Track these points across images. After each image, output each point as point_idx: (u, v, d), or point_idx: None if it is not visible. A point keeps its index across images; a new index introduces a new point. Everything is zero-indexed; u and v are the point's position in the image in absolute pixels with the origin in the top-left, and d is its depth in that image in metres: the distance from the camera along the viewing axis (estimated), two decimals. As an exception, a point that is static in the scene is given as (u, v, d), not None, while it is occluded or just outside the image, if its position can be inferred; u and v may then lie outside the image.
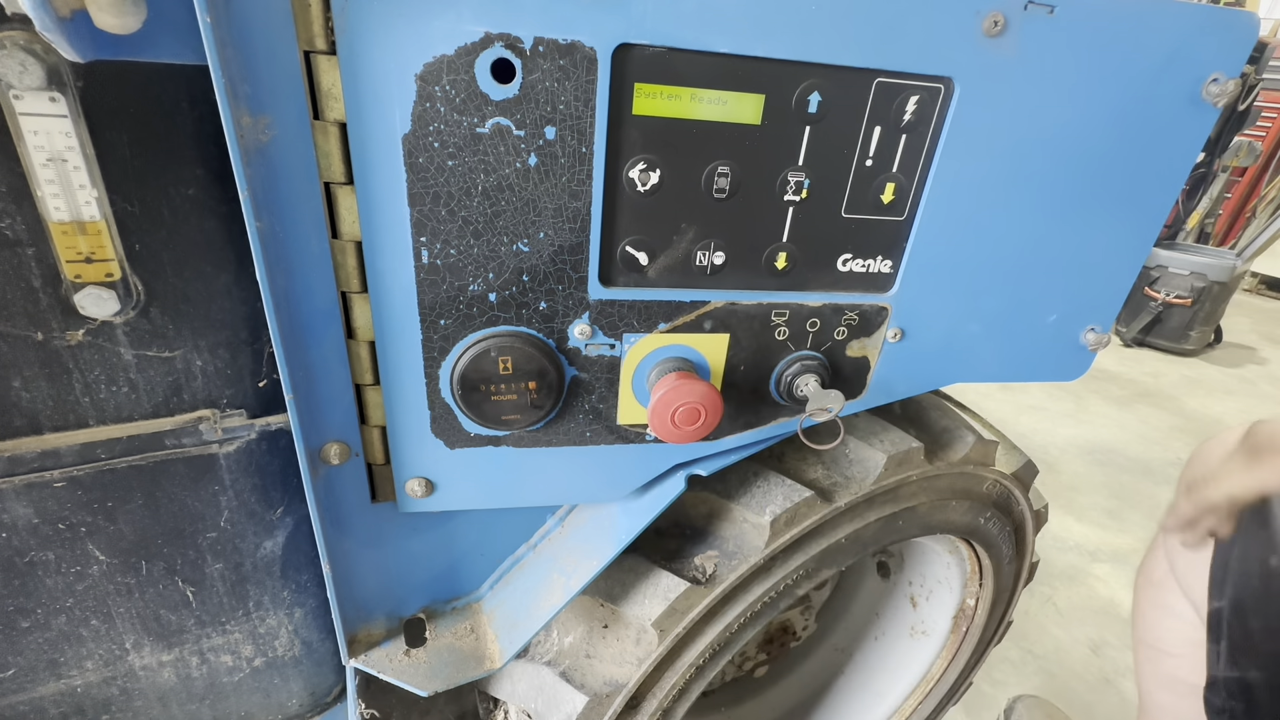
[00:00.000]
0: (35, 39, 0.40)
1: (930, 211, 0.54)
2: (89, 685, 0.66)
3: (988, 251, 0.57)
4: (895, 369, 0.62)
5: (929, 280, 0.57)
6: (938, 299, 0.58)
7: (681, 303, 0.54)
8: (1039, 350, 0.64)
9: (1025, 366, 0.64)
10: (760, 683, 1.20)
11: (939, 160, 0.51)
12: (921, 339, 0.60)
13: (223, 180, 0.50)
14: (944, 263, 0.57)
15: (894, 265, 0.56)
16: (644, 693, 0.68)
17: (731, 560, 0.67)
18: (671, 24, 0.43)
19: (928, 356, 0.62)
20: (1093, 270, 0.60)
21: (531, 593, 0.68)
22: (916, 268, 0.56)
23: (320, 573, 0.62)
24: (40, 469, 0.54)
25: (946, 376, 0.64)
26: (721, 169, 0.49)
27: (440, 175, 0.44)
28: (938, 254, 0.56)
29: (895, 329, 0.59)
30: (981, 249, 0.56)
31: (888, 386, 0.63)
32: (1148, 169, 0.55)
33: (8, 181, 0.44)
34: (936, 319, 0.60)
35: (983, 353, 0.63)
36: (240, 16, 0.38)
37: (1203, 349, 3.61)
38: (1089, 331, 0.64)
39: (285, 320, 0.47)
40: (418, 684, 0.65)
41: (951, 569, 0.98)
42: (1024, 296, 0.60)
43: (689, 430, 0.52)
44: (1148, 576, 0.87)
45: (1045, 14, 0.47)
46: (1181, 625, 0.81)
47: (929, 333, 0.60)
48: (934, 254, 0.56)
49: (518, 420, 0.54)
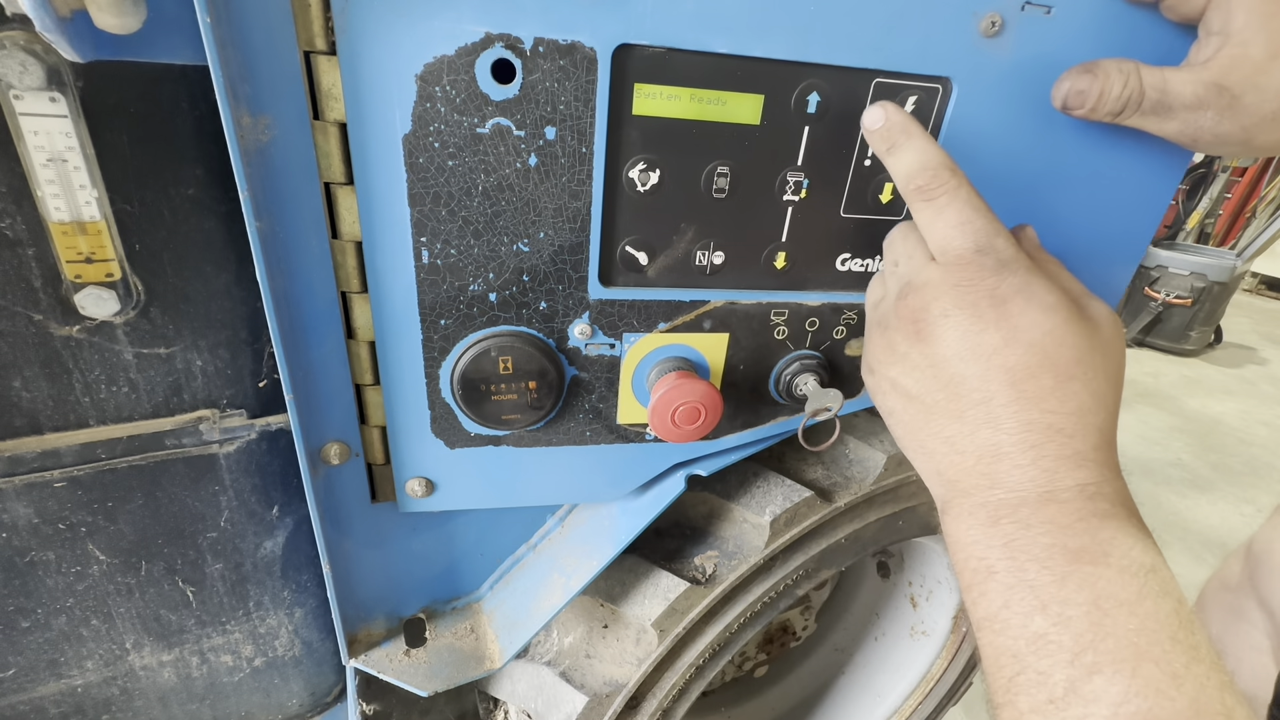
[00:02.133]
0: (35, 39, 0.40)
1: (930, 211, 0.54)
2: (89, 685, 0.66)
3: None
4: None
5: (928, 280, 0.57)
6: None
7: (681, 302, 0.54)
8: None
9: None
10: (760, 683, 1.20)
11: (938, 160, 0.51)
12: None
13: (223, 180, 0.50)
14: (943, 262, 0.57)
15: None
16: (644, 693, 0.68)
17: (731, 560, 0.67)
18: (671, 25, 0.43)
19: None
20: (1087, 268, 0.60)
21: (531, 593, 0.68)
22: (916, 267, 0.56)
23: (320, 573, 0.62)
24: (40, 469, 0.54)
25: None
26: (721, 169, 0.49)
27: (440, 175, 0.45)
28: (937, 254, 0.56)
29: None
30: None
31: None
32: (1143, 167, 0.55)
33: (8, 181, 0.44)
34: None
35: None
36: (240, 16, 0.38)
37: (1203, 349, 3.62)
38: None
39: (285, 320, 0.47)
40: (418, 684, 0.65)
41: (951, 569, 0.98)
42: None
43: (689, 430, 0.52)
44: (1223, 581, 0.87)
45: (1043, 14, 0.47)
46: (1250, 630, 0.80)
47: None
48: (933, 254, 0.56)
49: (518, 420, 0.54)
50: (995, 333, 0.38)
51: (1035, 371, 0.38)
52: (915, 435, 0.43)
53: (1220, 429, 2.78)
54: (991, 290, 0.39)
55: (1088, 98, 0.47)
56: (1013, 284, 0.39)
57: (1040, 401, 0.37)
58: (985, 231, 0.40)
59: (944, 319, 0.40)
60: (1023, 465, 0.37)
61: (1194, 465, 2.48)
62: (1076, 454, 0.37)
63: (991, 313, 0.39)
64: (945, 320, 0.40)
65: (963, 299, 0.39)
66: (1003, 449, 0.38)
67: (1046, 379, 0.37)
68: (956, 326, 0.39)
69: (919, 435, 0.43)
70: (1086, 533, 0.35)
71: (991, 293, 0.39)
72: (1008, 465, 0.38)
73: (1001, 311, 0.38)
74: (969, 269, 0.39)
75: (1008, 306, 0.38)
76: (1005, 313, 0.38)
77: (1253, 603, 0.80)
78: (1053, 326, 0.38)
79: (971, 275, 0.39)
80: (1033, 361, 0.38)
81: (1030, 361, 0.38)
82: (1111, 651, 0.32)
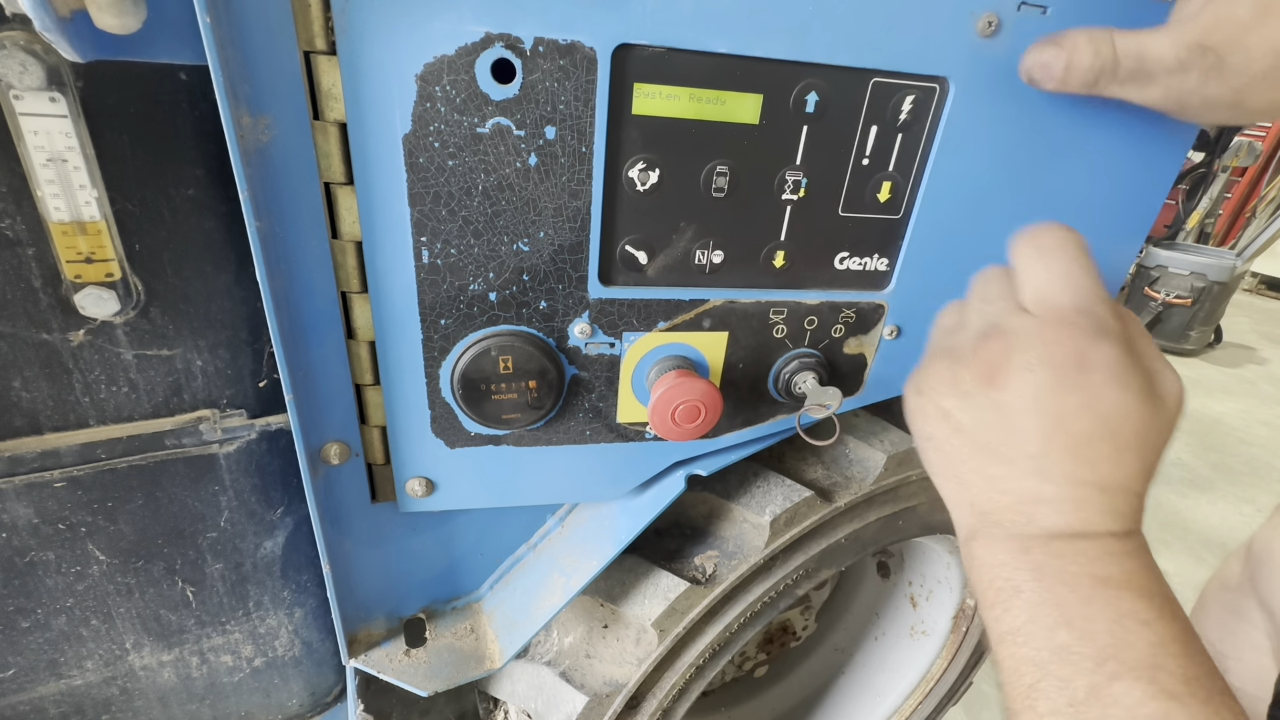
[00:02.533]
0: (35, 39, 0.40)
1: (926, 210, 0.54)
2: (89, 685, 0.66)
3: (982, 249, 0.57)
4: (892, 366, 0.62)
5: (925, 278, 0.58)
6: (934, 296, 0.59)
7: (680, 301, 0.54)
8: None
9: None
10: (760, 683, 1.20)
11: (934, 159, 0.52)
12: (918, 336, 0.61)
13: (223, 180, 0.50)
14: (940, 260, 0.57)
15: (890, 263, 0.57)
16: (644, 693, 0.68)
17: (731, 560, 0.67)
18: (670, 24, 0.43)
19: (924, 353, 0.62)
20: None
21: (531, 593, 0.68)
22: (913, 265, 0.57)
23: (320, 573, 0.62)
24: (40, 469, 0.54)
25: None
26: (720, 168, 0.49)
27: (441, 175, 0.45)
28: (933, 252, 0.56)
29: (892, 326, 0.60)
30: (976, 247, 0.57)
31: (885, 383, 0.64)
32: (1138, 165, 0.56)
33: (8, 181, 0.44)
34: (933, 316, 0.60)
35: None
36: (240, 16, 0.38)
37: (1203, 349, 3.62)
38: None
39: (285, 320, 0.47)
40: (418, 684, 0.65)
41: (951, 569, 0.98)
42: None
43: (689, 428, 0.52)
44: (1223, 581, 0.87)
45: (1039, 14, 0.47)
46: (1251, 631, 0.80)
47: (925, 329, 0.61)
48: (930, 252, 0.56)
49: (518, 419, 0.54)
50: (1072, 397, 0.38)
51: (1096, 439, 0.38)
52: (954, 466, 0.43)
53: (1220, 429, 2.78)
54: (1081, 355, 0.38)
55: (1053, 69, 0.45)
56: (1103, 354, 0.38)
57: (1094, 466, 0.38)
58: (1089, 294, 0.40)
59: (1026, 371, 0.39)
60: (1063, 513, 0.38)
61: (1194, 465, 2.48)
62: (1114, 509, 0.38)
63: (1075, 377, 0.38)
64: (1027, 373, 0.39)
65: (1051, 356, 0.39)
66: (1045, 496, 0.38)
67: (1105, 447, 0.38)
68: (1036, 383, 0.39)
69: (958, 467, 0.42)
70: (1114, 564, 0.36)
71: (1080, 358, 0.38)
72: (1047, 510, 0.38)
73: (1085, 379, 0.38)
74: (1064, 328, 0.39)
75: (1091, 376, 0.38)
76: (1087, 381, 0.38)
77: (1253, 603, 0.80)
78: (1125, 403, 0.38)
79: (1065, 335, 0.39)
80: (1096, 431, 0.38)
81: (1095, 430, 0.38)
82: (1132, 661, 0.33)
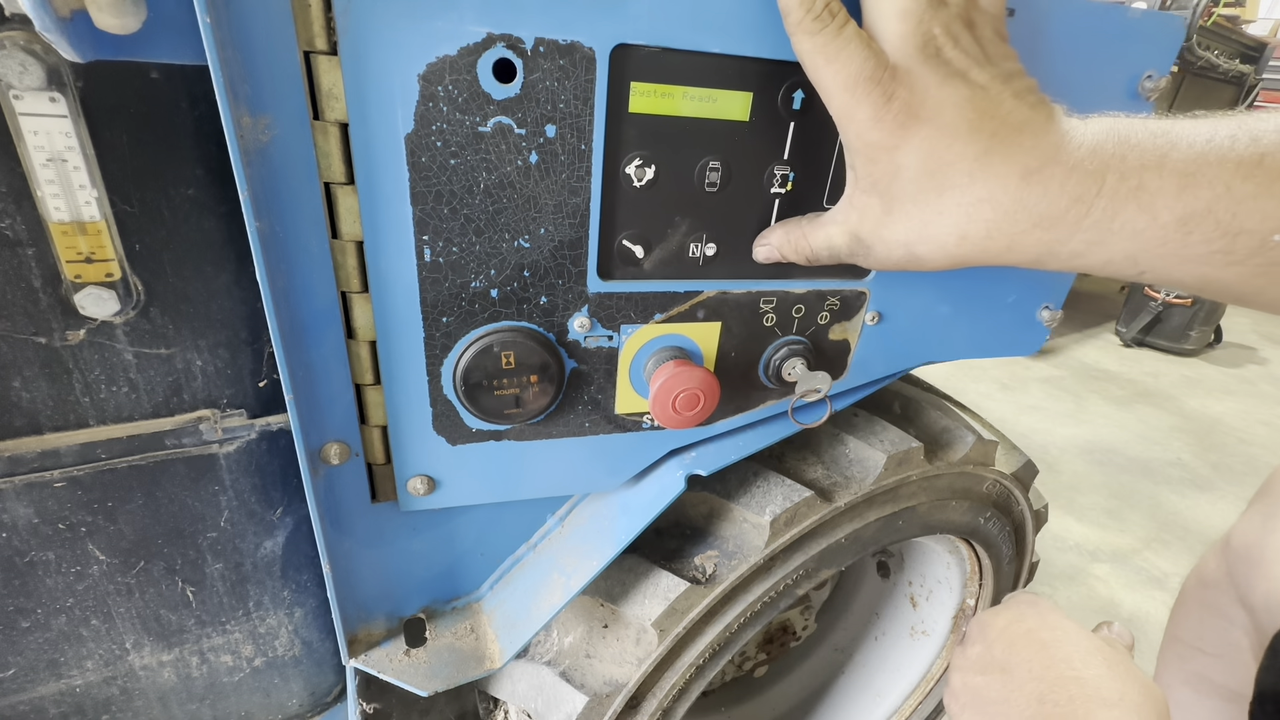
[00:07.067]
0: (35, 39, 0.40)
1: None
2: (89, 685, 0.66)
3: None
4: (874, 350, 0.65)
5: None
6: (911, 284, 0.62)
7: (676, 293, 0.55)
8: (1001, 328, 0.69)
9: (989, 343, 0.69)
10: (760, 683, 1.20)
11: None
12: (897, 321, 0.64)
13: (223, 180, 0.50)
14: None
15: None
16: (644, 693, 0.68)
17: (731, 560, 0.67)
18: (666, 25, 0.44)
19: (903, 337, 0.65)
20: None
21: (531, 593, 0.68)
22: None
23: (320, 573, 0.62)
24: (40, 469, 0.54)
25: (920, 356, 0.67)
26: (713, 164, 0.50)
27: (443, 174, 0.45)
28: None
29: (873, 312, 0.62)
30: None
31: (867, 366, 0.66)
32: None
33: (8, 181, 0.44)
34: (910, 302, 0.63)
35: (952, 332, 0.67)
36: (240, 16, 0.38)
37: (1203, 349, 3.62)
38: (1044, 309, 0.69)
39: (285, 320, 0.47)
40: (418, 684, 0.65)
41: (951, 569, 0.98)
42: (987, 280, 0.64)
43: (689, 415, 0.53)
44: (1200, 577, 0.86)
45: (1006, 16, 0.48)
46: (1229, 627, 0.80)
47: (904, 315, 0.64)
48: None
49: (520, 414, 0.54)
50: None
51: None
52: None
53: (1220, 429, 2.78)
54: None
55: (773, 258, 0.53)
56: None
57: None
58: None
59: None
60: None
61: (1194, 465, 2.48)
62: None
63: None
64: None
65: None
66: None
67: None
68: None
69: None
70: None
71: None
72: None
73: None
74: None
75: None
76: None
77: (1231, 599, 0.80)
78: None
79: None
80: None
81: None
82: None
